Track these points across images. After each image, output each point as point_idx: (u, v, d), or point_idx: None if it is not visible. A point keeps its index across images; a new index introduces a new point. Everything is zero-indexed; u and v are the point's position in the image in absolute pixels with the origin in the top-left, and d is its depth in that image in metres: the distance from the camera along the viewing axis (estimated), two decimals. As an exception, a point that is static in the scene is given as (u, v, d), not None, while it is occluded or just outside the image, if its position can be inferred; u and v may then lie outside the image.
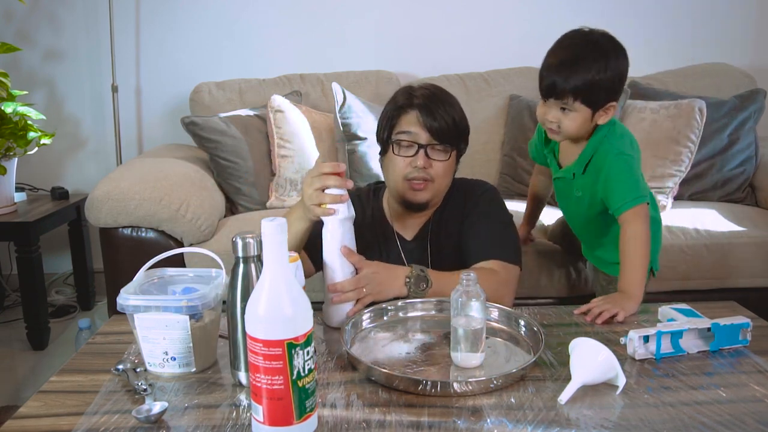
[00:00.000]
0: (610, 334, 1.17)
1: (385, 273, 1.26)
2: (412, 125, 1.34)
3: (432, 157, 1.35)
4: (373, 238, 1.44)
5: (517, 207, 2.18)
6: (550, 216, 2.02)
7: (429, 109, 1.33)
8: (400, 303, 1.25)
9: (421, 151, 1.34)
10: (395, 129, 1.37)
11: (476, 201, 1.44)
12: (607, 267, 1.62)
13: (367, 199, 1.51)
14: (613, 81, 1.33)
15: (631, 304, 1.26)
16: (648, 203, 1.40)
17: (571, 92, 1.32)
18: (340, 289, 1.19)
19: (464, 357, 1.03)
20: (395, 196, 1.42)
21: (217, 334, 1.08)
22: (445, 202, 1.45)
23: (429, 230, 1.44)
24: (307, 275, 1.25)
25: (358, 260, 1.21)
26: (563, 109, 1.35)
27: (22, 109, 2.39)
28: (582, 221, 1.60)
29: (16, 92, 2.44)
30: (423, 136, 1.34)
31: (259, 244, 0.93)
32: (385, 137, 1.39)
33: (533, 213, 1.87)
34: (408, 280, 1.26)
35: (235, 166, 2.28)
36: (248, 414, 0.90)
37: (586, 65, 1.31)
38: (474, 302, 1.02)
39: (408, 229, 1.46)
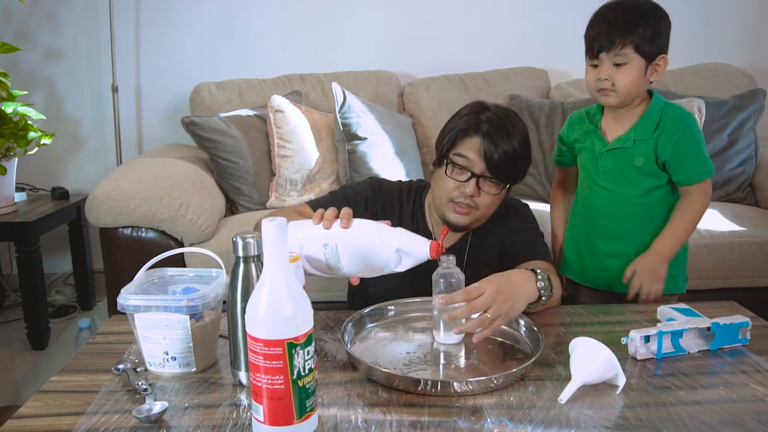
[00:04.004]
0: (610, 335, 1.17)
1: (509, 288, 1.10)
2: (471, 151, 1.31)
3: (482, 189, 1.32)
4: None
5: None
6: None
7: (491, 138, 1.29)
8: (400, 303, 1.25)
9: (473, 180, 1.31)
10: (454, 149, 1.33)
11: (516, 218, 1.45)
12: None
13: (408, 196, 1.48)
14: (663, 30, 1.37)
15: (661, 283, 1.39)
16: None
17: (625, 39, 1.32)
18: (452, 317, 1.05)
19: (446, 334, 1.10)
20: (437, 210, 1.40)
21: (218, 334, 1.08)
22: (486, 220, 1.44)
23: (468, 244, 1.43)
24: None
25: (464, 291, 1.06)
26: (616, 65, 1.34)
27: (22, 109, 2.38)
28: (628, 202, 1.45)
29: (16, 92, 2.44)
30: (479, 166, 1.30)
31: (259, 244, 0.93)
32: (443, 152, 1.36)
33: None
34: (540, 282, 1.16)
35: (235, 166, 2.28)
36: (248, 414, 0.90)
37: (637, 13, 1.33)
38: (454, 281, 1.08)
39: (446, 238, 1.45)
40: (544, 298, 1.17)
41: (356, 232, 1.11)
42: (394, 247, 1.08)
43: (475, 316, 1.06)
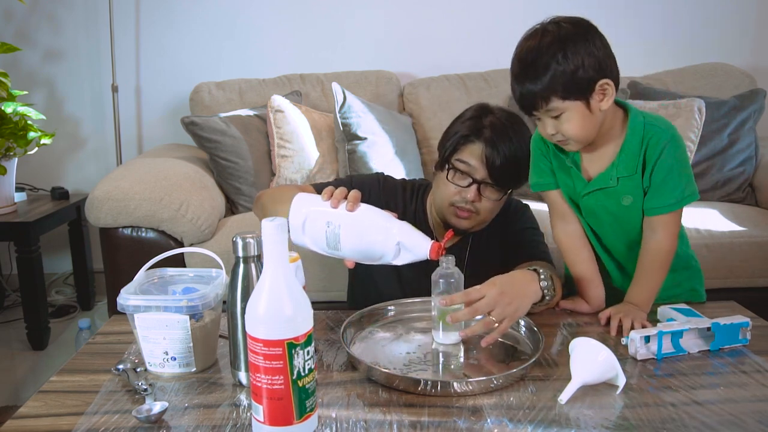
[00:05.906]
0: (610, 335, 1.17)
1: (512, 290, 1.09)
2: (473, 158, 1.30)
3: (484, 194, 1.32)
4: None
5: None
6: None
7: (494, 144, 1.28)
8: (400, 303, 1.25)
9: (474, 186, 1.31)
10: (456, 154, 1.33)
11: (517, 218, 1.45)
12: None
13: (411, 195, 1.48)
14: (585, 57, 1.11)
15: (643, 315, 1.20)
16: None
17: (543, 97, 1.12)
18: (455, 320, 1.05)
19: (444, 334, 1.10)
20: (438, 212, 1.41)
21: (218, 334, 1.08)
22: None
23: (468, 245, 1.43)
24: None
25: (465, 293, 1.07)
26: (554, 117, 1.15)
27: (22, 109, 2.38)
28: (631, 240, 1.30)
29: (16, 92, 2.44)
30: (481, 172, 1.30)
31: (259, 244, 0.93)
32: (445, 157, 1.35)
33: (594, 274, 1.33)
34: (543, 282, 1.16)
35: (235, 166, 2.28)
36: (248, 414, 0.90)
37: (543, 62, 1.11)
38: (453, 282, 1.08)
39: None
40: (547, 298, 1.17)
41: (361, 217, 1.10)
42: (395, 240, 1.07)
43: (478, 318, 1.07)
